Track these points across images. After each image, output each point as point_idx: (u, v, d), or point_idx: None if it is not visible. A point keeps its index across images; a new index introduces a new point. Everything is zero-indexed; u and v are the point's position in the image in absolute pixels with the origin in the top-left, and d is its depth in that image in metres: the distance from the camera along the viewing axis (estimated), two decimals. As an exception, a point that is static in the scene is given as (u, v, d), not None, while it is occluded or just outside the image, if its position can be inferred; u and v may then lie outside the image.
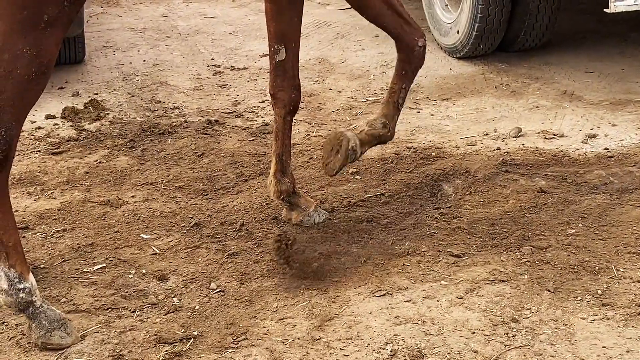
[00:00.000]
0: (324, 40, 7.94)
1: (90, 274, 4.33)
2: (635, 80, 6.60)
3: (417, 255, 4.29)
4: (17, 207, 5.01)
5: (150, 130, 6.06)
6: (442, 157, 5.42)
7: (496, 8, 6.88)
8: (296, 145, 5.70)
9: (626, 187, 4.90)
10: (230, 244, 4.54)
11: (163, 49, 8.02)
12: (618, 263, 4.13)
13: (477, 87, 6.65)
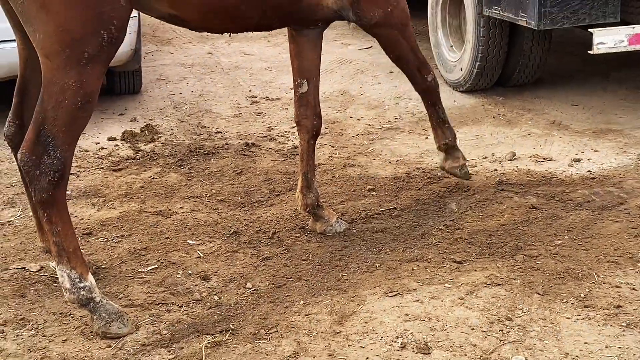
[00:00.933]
0: (346, 75, 7.95)
1: (144, 273, 4.35)
2: (615, 112, 6.58)
3: (424, 261, 4.28)
4: (82, 216, 5.06)
5: (196, 151, 6.09)
6: (447, 177, 5.41)
7: (494, 49, 6.88)
8: (321, 165, 5.71)
9: (606, 205, 4.88)
10: (264, 250, 4.55)
11: (208, 81, 8.06)
12: (599, 270, 4.11)
13: (477, 117, 6.65)
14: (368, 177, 5.46)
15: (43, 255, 4.50)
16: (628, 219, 4.66)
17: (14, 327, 3.89)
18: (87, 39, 3.59)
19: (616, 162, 5.56)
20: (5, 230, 4.94)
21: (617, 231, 4.51)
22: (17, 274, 4.41)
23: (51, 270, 4.34)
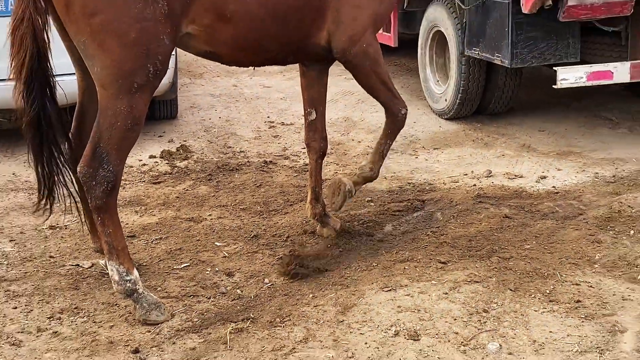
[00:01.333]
0: (349, 105, 7.97)
1: (178, 270, 4.37)
2: (575, 137, 6.58)
3: (414, 262, 4.28)
4: (127, 222, 5.06)
5: (223, 168, 6.10)
6: (433, 191, 5.42)
7: (474, 83, 6.89)
8: (327, 180, 5.69)
9: (568, 215, 4.87)
10: (279, 251, 4.56)
11: (233, 109, 8.08)
12: (562, 270, 4.10)
13: (459, 140, 6.65)
14: (367, 190, 5.46)
15: (94, 255, 4.51)
16: (586, 227, 4.65)
17: (69, 314, 3.90)
18: (137, 71, 3.65)
19: (576, 179, 5.56)
20: (62, 233, 4.96)
21: (577, 237, 4.50)
22: (72, 270, 4.43)
23: (101, 266, 4.35)
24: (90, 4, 3.54)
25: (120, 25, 3.58)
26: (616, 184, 5.39)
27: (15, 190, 5.81)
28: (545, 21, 5.92)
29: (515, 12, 5.88)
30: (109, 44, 3.59)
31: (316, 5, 4.16)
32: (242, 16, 3.95)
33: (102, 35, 3.57)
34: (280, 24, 4.08)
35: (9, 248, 4.77)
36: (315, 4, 4.16)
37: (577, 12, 5.63)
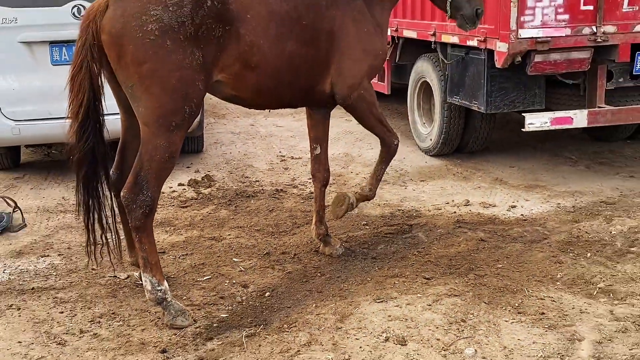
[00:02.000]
0: (348, 142, 7.98)
1: (201, 282, 4.34)
2: (541, 173, 6.57)
3: (402, 277, 4.26)
4: (158, 240, 5.04)
5: (240, 194, 6.08)
6: (419, 216, 5.40)
7: (454, 126, 6.91)
8: (328, 206, 5.68)
9: (534, 239, 4.85)
10: (287, 266, 4.54)
11: (250, 145, 8.10)
12: (528, 287, 4.08)
13: (442, 174, 6.64)
14: (363, 215, 5.46)
15: (130, 267, 4.50)
16: (550, 250, 4.63)
17: (107, 319, 3.89)
18: (176, 112, 3.70)
19: (541, 209, 5.54)
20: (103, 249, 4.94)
21: (542, 258, 4.48)
22: (110, 281, 4.42)
23: (135, 278, 4.34)
24: (140, 54, 3.58)
25: (163, 73, 3.63)
26: (575, 213, 5.37)
27: (64, 212, 5.82)
28: (515, 74, 5.95)
29: (490, 67, 5.91)
30: (153, 88, 3.64)
31: (322, 59, 4.23)
32: (264, 66, 4.00)
33: (148, 81, 3.62)
34: (293, 74, 4.15)
35: (57, 261, 4.77)
36: (321, 58, 4.23)
37: (542, 67, 5.66)
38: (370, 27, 4.39)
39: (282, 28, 4.02)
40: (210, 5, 3.71)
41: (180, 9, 3.61)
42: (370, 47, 4.40)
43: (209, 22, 3.71)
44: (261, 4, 3.99)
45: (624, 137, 7.55)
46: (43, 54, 6.37)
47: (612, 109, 5.89)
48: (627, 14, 5.65)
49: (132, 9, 3.58)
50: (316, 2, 4.18)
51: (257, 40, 3.92)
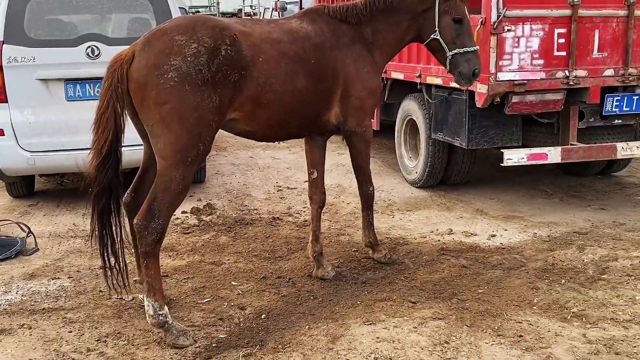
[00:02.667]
0: (340, 174, 8.00)
1: (201, 304, 4.32)
2: (518, 204, 6.59)
3: (390, 301, 4.25)
4: (161, 264, 4.98)
5: (239, 222, 6.07)
6: (406, 244, 5.40)
7: (438, 160, 6.94)
8: (322, 233, 5.69)
9: (512, 266, 4.85)
10: (283, 290, 4.52)
11: (249, 176, 8.10)
12: (507, 311, 4.07)
13: (427, 204, 6.65)
14: (354, 243, 5.45)
15: (135, 289, 4.47)
16: (527, 276, 4.63)
17: (112, 338, 3.86)
18: (191, 149, 3.77)
19: (519, 238, 5.55)
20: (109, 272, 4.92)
21: (520, 284, 4.48)
22: (116, 302, 4.38)
23: (139, 300, 4.31)
24: (161, 98, 3.69)
25: (182, 113, 3.71)
26: (550, 243, 5.38)
27: (74, 237, 5.79)
28: (494, 114, 5.99)
29: (471, 106, 5.95)
30: (173, 127, 3.72)
31: (327, 93, 4.40)
32: (275, 103, 4.13)
33: (168, 120, 3.71)
34: (302, 107, 4.29)
35: (67, 283, 4.73)
36: (326, 93, 4.39)
37: (519, 107, 5.71)
38: (369, 67, 4.55)
39: (292, 67, 4.17)
40: (225, 53, 3.82)
41: (197, 59, 3.72)
42: (369, 85, 4.55)
43: (225, 69, 3.83)
44: (272, 47, 4.12)
45: (595, 172, 7.60)
46: (58, 90, 6.40)
47: (584, 146, 5.93)
48: (596, 59, 5.73)
49: (155, 59, 3.72)
50: (321, 44, 4.36)
51: (269, 80, 4.05)
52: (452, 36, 4.57)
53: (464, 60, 4.58)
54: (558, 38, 5.59)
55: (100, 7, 6.76)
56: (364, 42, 4.56)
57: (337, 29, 4.48)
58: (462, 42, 4.58)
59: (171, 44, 3.74)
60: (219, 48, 3.81)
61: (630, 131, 6.55)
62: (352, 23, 4.54)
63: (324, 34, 4.42)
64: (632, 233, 5.59)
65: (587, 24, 5.64)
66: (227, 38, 3.88)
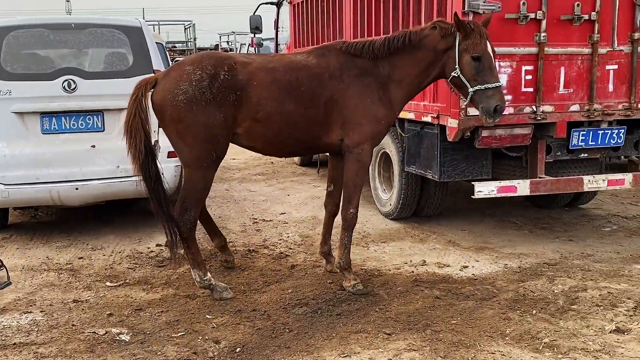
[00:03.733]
0: (316, 206, 7.98)
1: (176, 338, 4.23)
2: (489, 236, 6.63)
3: (365, 333, 4.21)
4: (135, 297, 4.95)
5: (215, 254, 5.97)
6: (380, 275, 5.38)
7: (411, 192, 6.97)
8: (296, 265, 5.66)
9: (485, 297, 4.85)
10: (258, 323, 4.45)
11: (225, 208, 8.04)
12: (480, 342, 4.06)
13: (400, 236, 6.65)
14: (329, 274, 5.41)
15: (108, 323, 4.36)
16: (499, 307, 4.64)
17: (85, 373, 3.75)
18: (205, 157, 4.63)
19: (491, 269, 5.57)
20: (83, 306, 4.82)
21: (492, 315, 4.48)
22: (89, 336, 4.28)
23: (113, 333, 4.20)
24: (175, 117, 4.55)
25: (195, 129, 4.54)
26: (521, 273, 5.40)
27: (47, 270, 5.66)
28: (465, 147, 6.05)
29: (442, 140, 6.00)
30: (188, 140, 4.59)
31: (322, 118, 4.81)
32: (267, 122, 4.70)
33: (184, 134, 4.57)
34: (294, 128, 4.78)
35: (39, 317, 4.61)
36: (320, 118, 4.81)
37: (488, 141, 5.78)
38: (375, 99, 4.86)
39: (281, 92, 4.70)
40: (223, 78, 4.57)
41: (200, 83, 4.52)
42: (370, 114, 4.85)
43: (224, 90, 4.56)
44: (267, 74, 4.71)
45: (562, 205, 7.69)
46: (34, 123, 6.33)
47: (552, 179, 6.00)
48: (562, 95, 5.84)
49: (169, 85, 4.58)
50: (319, 74, 4.81)
51: (261, 101, 4.65)
52: (471, 73, 4.71)
53: (485, 96, 4.69)
54: (525, 75, 5.69)
55: (78, 41, 6.74)
56: (377, 75, 4.87)
57: (346, 62, 4.86)
58: (483, 79, 4.70)
59: (182, 72, 4.58)
60: (219, 74, 4.55)
61: (596, 165, 6.66)
62: (367, 58, 4.88)
63: (328, 66, 4.84)
64: (600, 264, 5.64)
65: (553, 61, 5.76)
66: (226, 66, 4.61)
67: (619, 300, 4.69)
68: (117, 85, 6.49)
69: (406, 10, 6.35)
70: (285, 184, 9.50)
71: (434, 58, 4.85)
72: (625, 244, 6.32)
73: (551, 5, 5.64)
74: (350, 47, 4.90)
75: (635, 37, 5.88)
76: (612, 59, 5.90)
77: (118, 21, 6.92)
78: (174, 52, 25.13)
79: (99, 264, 5.82)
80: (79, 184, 6.33)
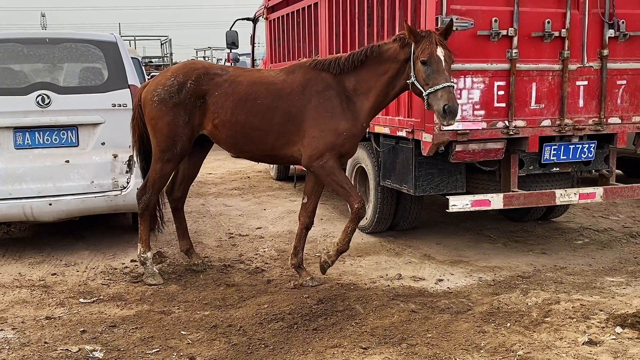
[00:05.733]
0: (292, 221, 7.96)
1: (150, 354, 4.17)
2: (464, 249, 6.66)
3: (341, 347, 4.19)
4: (109, 313, 4.87)
5: (190, 270, 5.93)
6: (357, 289, 5.36)
7: (387, 206, 6.98)
8: (272, 280, 5.62)
9: (460, 310, 4.86)
10: (233, 339, 4.40)
11: (200, 223, 7.98)
12: (456, 355, 4.06)
13: (376, 250, 6.66)
14: (305, 289, 5.38)
15: (81, 341, 4.28)
16: (474, 320, 4.64)
17: (57, 392, 3.67)
18: (168, 151, 5.36)
19: (465, 282, 5.59)
20: (56, 323, 4.73)
21: (467, 328, 4.49)
22: (62, 354, 4.19)
23: (86, 351, 4.13)
24: (150, 114, 5.39)
25: (162, 126, 5.32)
26: (495, 286, 5.43)
27: (20, 287, 5.55)
28: (439, 162, 6.09)
29: (417, 154, 6.03)
30: (156, 134, 5.39)
31: (276, 132, 5.15)
32: (223, 128, 5.26)
33: (154, 129, 5.39)
34: (247, 137, 5.24)
35: (10, 335, 4.51)
36: (274, 131, 5.15)
37: (462, 155, 5.82)
38: (337, 112, 5.03)
39: (238, 103, 5.18)
40: (189, 86, 5.28)
41: (171, 88, 5.30)
42: (328, 127, 5.01)
43: (189, 96, 5.27)
44: (230, 86, 5.24)
45: (535, 218, 7.77)
46: (7, 138, 6.23)
47: (524, 193, 6.06)
48: (534, 110, 5.91)
49: (150, 87, 5.44)
50: (280, 90, 5.15)
51: (218, 110, 5.24)
52: (422, 77, 4.81)
53: (436, 98, 4.76)
54: (498, 90, 5.76)
55: (52, 56, 6.68)
56: (342, 89, 5.07)
57: (312, 79, 5.12)
58: (433, 82, 4.76)
59: (161, 78, 5.44)
60: (186, 82, 5.28)
61: (568, 178, 6.74)
62: (334, 73, 5.10)
63: (293, 82, 5.16)
64: (573, 276, 5.70)
65: (525, 77, 5.83)
66: (194, 75, 5.29)
67: (591, 312, 4.73)
68: (92, 100, 6.44)
69: (380, 27, 6.41)
70: (261, 199, 9.47)
71: (397, 69, 5.00)
72: (597, 256, 6.39)
73: (522, 22, 5.73)
74: (318, 64, 5.18)
75: (604, 54, 6.00)
76: (582, 75, 6.00)
77: (93, 36, 6.88)
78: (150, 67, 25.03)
79: (72, 280, 5.73)
80: (53, 199, 6.23)
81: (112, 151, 6.47)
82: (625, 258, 6.32)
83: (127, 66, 6.63)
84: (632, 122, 6.22)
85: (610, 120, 6.13)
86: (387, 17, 6.26)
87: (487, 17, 5.63)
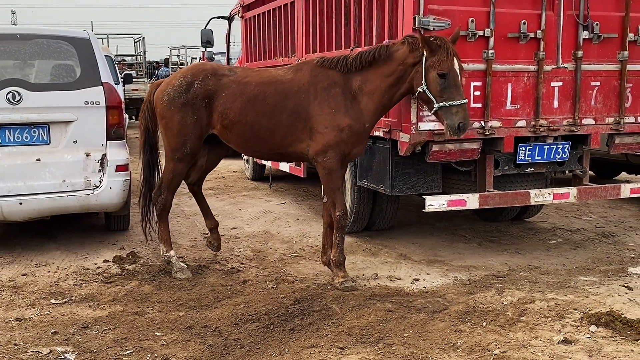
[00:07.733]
0: (268, 221, 7.92)
1: (124, 356, 4.10)
2: (439, 249, 6.69)
3: (318, 347, 4.16)
4: (81, 315, 4.79)
5: (164, 271, 5.84)
6: (334, 289, 5.34)
7: (363, 206, 6.98)
8: (248, 280, 5.58)
9: (436, 309, 4.87)
10: (209, 339, 4.35)
11: (175, 223, 7.88)
12: (432, 354, 4.06)
13: (352, 250, 6.63)
14: (281, 289, 5.35)
15: (52, 342, 4.19)
16: (450, 319, 4.65)
17: (27, 395, 3.58)
18: (178, 150, 5.53)
19: (441, 282, 5.60)
20: (27, 324, 4.62)
21: (444, 327, 4.49)
22: (32, 356, 4.10)
23: (57, 352, 4.04)
24: (160, 114, 5.58)
25: (172, 125, 5.49)
26: (471, 286, 5.45)
27: (-11, 288, 5.43)
28: (416, 162, 6.10)
29: (394, 154, 6.03)
30: (167, 134, 5.56)
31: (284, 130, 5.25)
32: (232, 128, 5.39)
33: (164, 128, 5.58)
34: (257, 137, 5.37)
35: (-22, 337, 4.40)
36: (283, 129, 5.25)
37: (439, 155, 5.83)
38: (340, 109, 5.11)
39: (247, 104, 5.29)
40: (196, 86, 5.43)
41: (179, 88, 5.47)
42: (332, 124, 5.11)
43: (197, 97, 5.43)
44: (237, 87, 5.36)
45: (510, 218, 7.83)
46: (-24, 135, 6.09)
47: (500, 193, 6.10)
48: (510, 111, 5.95)
49: (162, 87, 5.62)
50: (288, 89, 5.25)
51: (226, 110, 5.37)
52: (437, 90, 4.85)
53: (450, 113, 4.83)
54: (474, 90, 5.78)
55: (23, 52, 6.55)
56: (348, 87, 5.14)
57: (318, 76, 5.20)
58: (449, 96, 4.82)
59: (172, 79, 5.59)
60: (194, 82, 5.44)
61: (542, 179, 6.80)
62: (341, 71, 5.18)
63: (299, 80, 5.26)
64: (547, 276, 5.75)
65: (501, 78, 5.87)
66: (201, 77, 5.45)
67: (566, 311, 4.77)
68: (64, 97, 6.32)
69: (358, 26, 6.39)
70: (237, 199, 9.40)
71: (404, 72, 5.05)
72: (570, 256, 6.46)
73: (499, 23, 5.76)
74: (325, 62, 5.26)
75: (578, 55, 6.06)
76: (557, 76, 6.06)
77: (65, 32, 6.75)
78: (123, 65, 24.73)
79: (43, 281, 5.61)
80: (23, 198, 6.11)
81: (85, 149, 6.36)
82: (598, 258, 6.40)
83: (100, 63, 6.52)
84: (606, 123, 6.29)
85: (584, 121, 6.20)
86: (365, 17, 6.25)
87: (464, 18, 5.64)
